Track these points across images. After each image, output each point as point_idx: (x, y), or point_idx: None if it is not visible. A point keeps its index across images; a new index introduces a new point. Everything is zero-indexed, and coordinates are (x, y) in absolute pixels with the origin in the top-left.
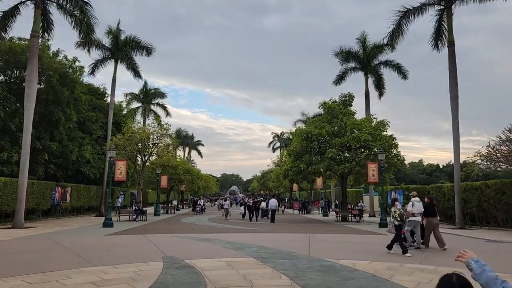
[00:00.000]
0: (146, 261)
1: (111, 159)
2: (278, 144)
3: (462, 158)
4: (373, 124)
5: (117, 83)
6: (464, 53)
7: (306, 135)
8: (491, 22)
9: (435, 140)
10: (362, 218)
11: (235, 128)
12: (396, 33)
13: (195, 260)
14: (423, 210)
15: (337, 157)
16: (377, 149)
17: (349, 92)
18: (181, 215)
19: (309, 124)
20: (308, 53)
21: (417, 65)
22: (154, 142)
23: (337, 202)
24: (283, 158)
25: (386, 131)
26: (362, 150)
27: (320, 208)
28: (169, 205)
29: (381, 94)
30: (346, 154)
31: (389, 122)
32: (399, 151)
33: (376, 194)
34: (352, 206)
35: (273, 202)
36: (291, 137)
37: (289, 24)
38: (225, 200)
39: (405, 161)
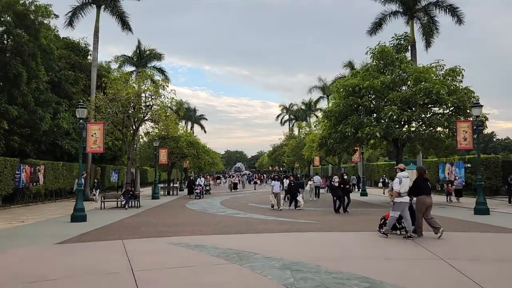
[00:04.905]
0: None
1: (81, 121)
2: (286, 117)
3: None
4: (440, 73)
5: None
6: (471, 22)
7: (352, 89)
8: None
9: None
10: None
11: (236, 106)
12: None
13: None
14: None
15: (399, 116)
16: (450, 105)
17: (405, 32)
18: (185, 198)
19: (353, 76)
20: (308, 28)
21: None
22: (147, 103)
23: (385, 180)
24: (321, 121)
25: (461, 82)
26: (424, 108)
27: (353, 186)
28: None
29: (428, 44)
30: (408, 112)
31: (463, 69)
32: None
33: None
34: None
35: (317, 179)
36: (303, 107)
37: None
38: (274, 179)
39: (487, 121)
